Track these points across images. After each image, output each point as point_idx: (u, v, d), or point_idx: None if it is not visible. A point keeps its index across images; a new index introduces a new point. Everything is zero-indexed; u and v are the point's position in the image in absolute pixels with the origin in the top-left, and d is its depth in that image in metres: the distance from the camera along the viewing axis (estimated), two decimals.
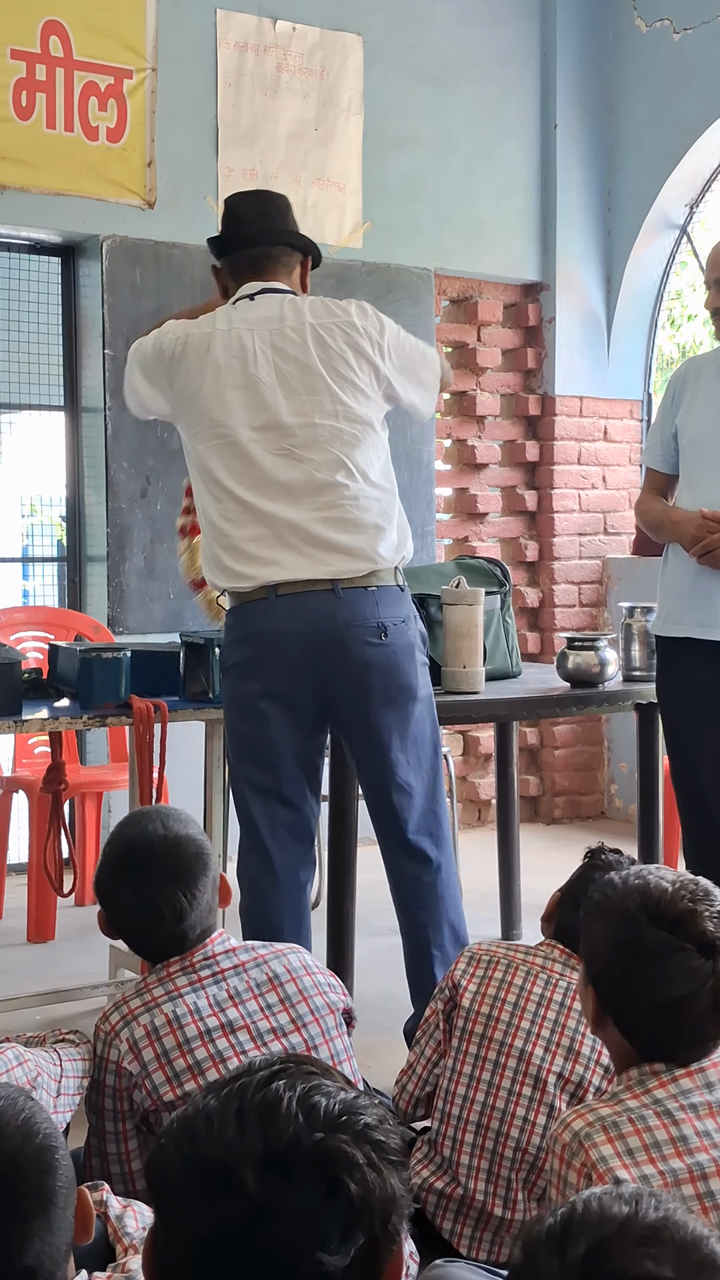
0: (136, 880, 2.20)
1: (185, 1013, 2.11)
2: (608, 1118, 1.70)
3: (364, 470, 3.09)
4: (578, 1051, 2.34)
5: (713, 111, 5.76)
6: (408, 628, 3.12)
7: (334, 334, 3.09)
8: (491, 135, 6.01)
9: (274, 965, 2.20)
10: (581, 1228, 1.04)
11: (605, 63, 6.19)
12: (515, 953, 2.44)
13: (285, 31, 5.45)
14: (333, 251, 5.59)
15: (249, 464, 3.06)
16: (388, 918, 3.38)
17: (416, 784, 3.15)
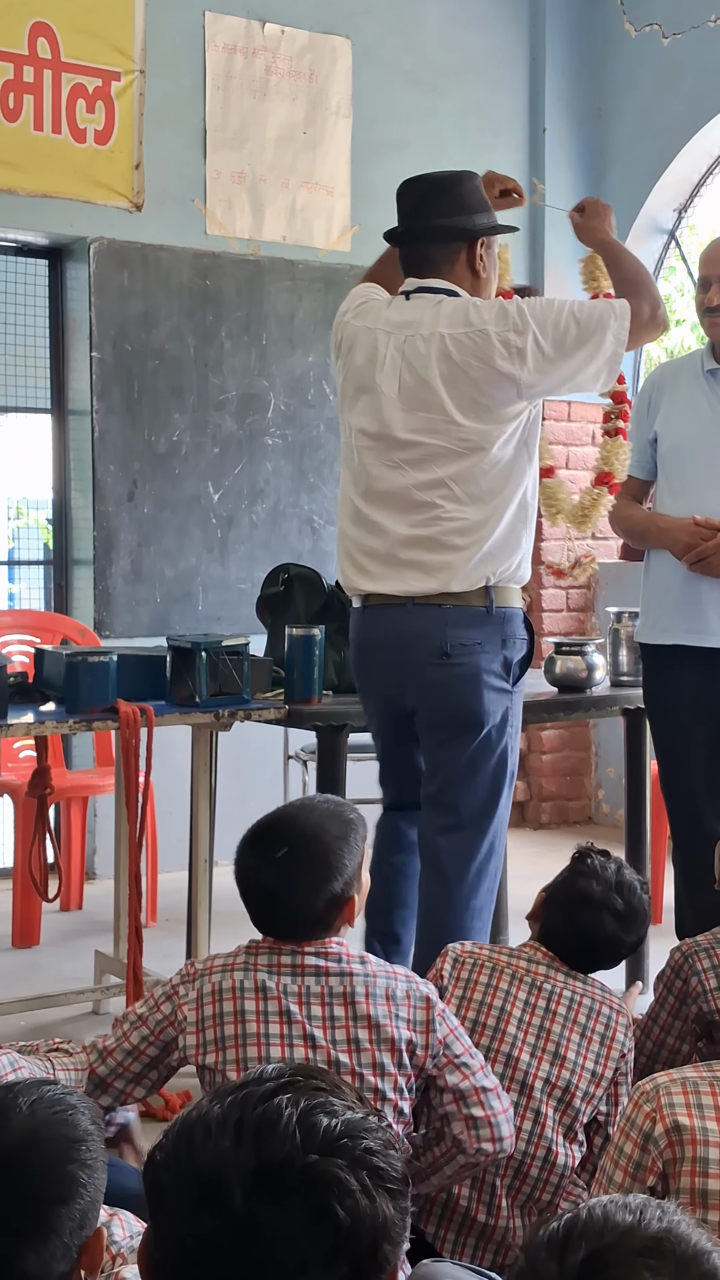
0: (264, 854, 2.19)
1: (252, 987, 2.10)
2: (690, 1078, 1.75)
3: (464, 491, 2.97)
4: (563, 1056, 2.33)
5: (701, 116, 5.76)
6: (481, 651, 2.99)
7: (463, 346, 2.94)
8: (481, 139, 6.00)
9: (359, 984, 2.12)
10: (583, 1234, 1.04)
11: (594, 67, 6.19)
12: (499, 955, 2.43)
13: (274, 34, 5.44)
14: (321, 255, 5.58)
15: (364, 472, 3.08)
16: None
17: (461, 813, 3.04)
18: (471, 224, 3.03)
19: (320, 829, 2.20)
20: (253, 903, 2.21)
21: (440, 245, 3.05)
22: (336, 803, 2.32)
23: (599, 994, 2.41)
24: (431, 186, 3.08)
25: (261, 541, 5.45)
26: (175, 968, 2.44)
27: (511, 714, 3.07)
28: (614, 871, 2.47)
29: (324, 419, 5.58)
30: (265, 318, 5.45)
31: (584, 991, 2.39)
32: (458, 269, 3.05)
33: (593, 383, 3.05)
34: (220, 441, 5.36)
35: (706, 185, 6.08)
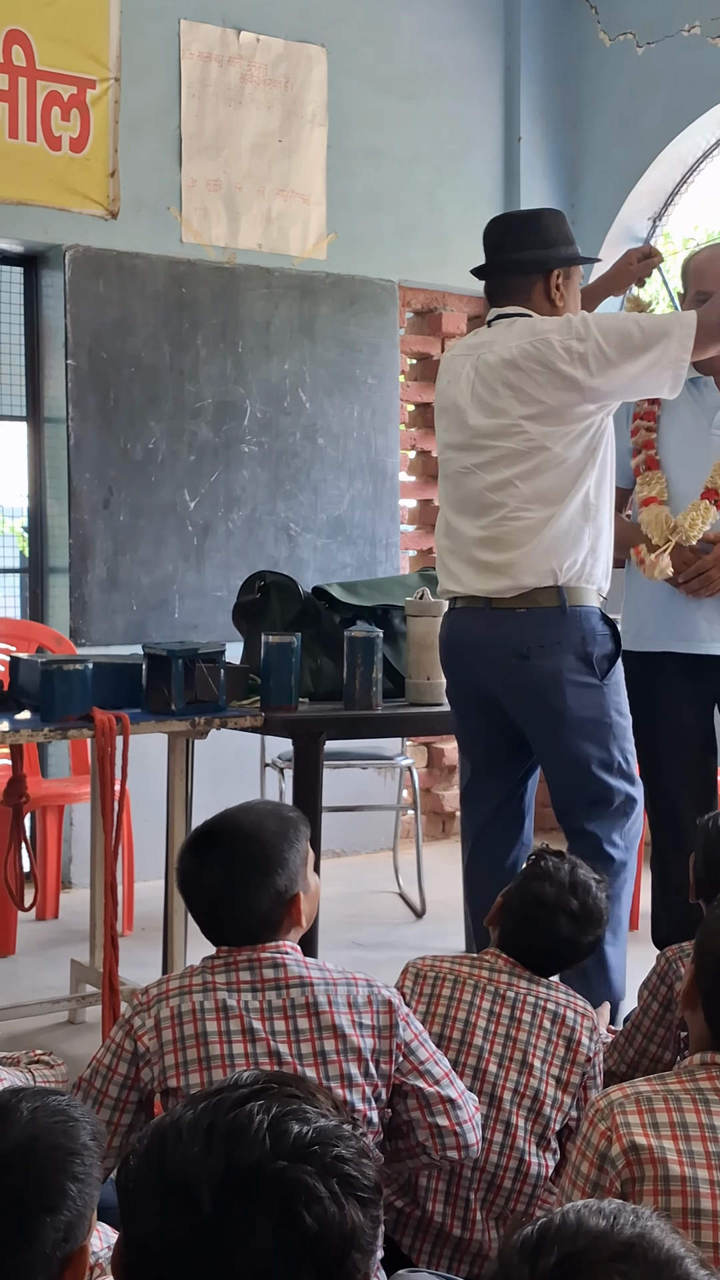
0: (202, 856, 2.19)
1: (213, 1007, 2.06)
2: (644, 1093, 1.73)
3: (529, 490, 3.13)
4: (530, 1064, 2.32)
5: (675, 125, 5.79)
6: (558, 651, 3.14)
7: (528, 353, 3.12)
8: (456, 147, 6.02)
9: (320, 992, 2.10)
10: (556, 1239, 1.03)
11: (569, 76, 6.22)
12: (461, 966, 2.41)
13: (249, 42, 5.45)
14: (296, 263, 5.58)
15: (448, 482, 3.30)
16: (352, 930, 3.36)
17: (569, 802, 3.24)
18: (548, 256, 3.24)
19: (258, 826, 2.19)
20: (198, 908, 2.19)
21: (518, 276, 3.27)
22: (276, 804, 2.33)
23: (563, 998, 2.40)
24: (513, 222, 3.37)
25: (238, 549, 5.44)
26: (152, 976, 2.43)
27: (609, 706, 3.20)
28: (568, 872, 2.46)
29: (300, 426, 5.59)
30: (241, 325, 5.45)
31: (547, 997, 2.38)
32: (535, 298, 3.27)
33: (659, 388, 3.19)
34: (196, 449, 5.36)
35: (681, 194, 6.10)
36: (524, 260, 3.25)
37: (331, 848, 5.51)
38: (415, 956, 2.52)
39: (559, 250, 3.27)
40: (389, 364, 5.81)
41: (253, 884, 2.13)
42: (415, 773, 5.16)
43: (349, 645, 3.58)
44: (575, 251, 3.31)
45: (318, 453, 5.63)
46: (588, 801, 3.22)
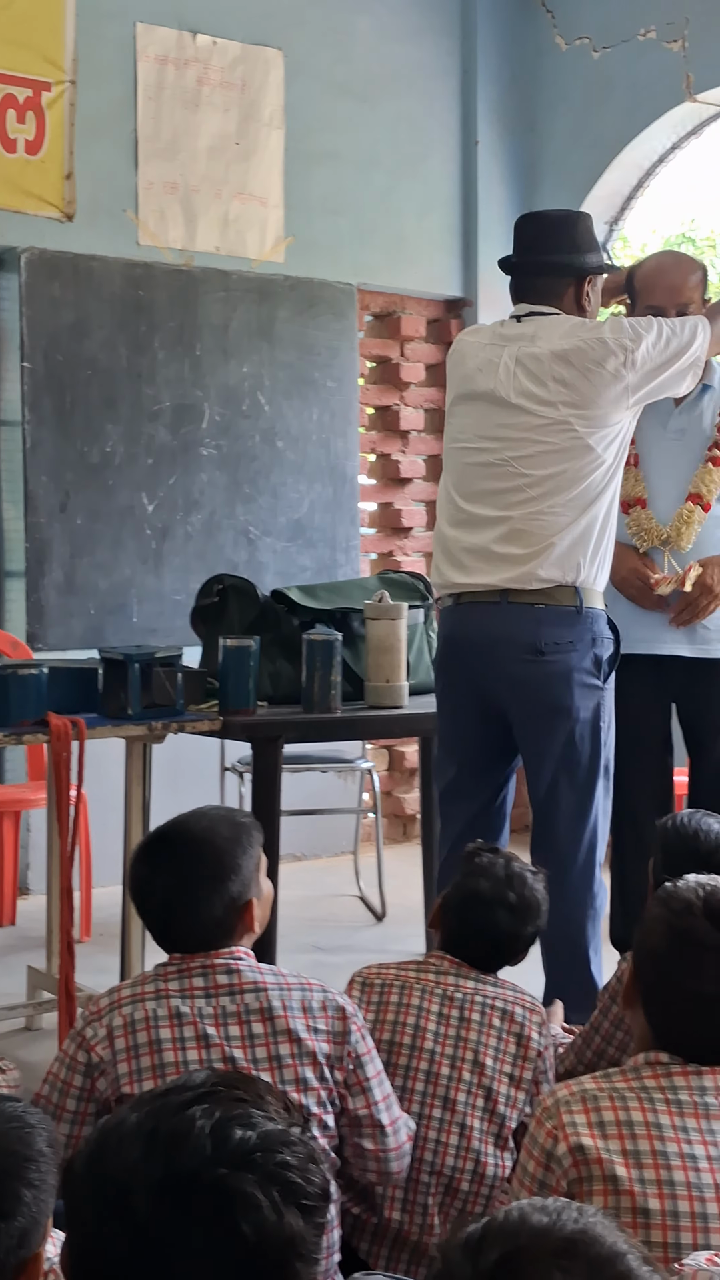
0: (154, 862, 2.18)
1: (166, 1015, 2.05)
2: (590, 1092, 1.73)
3: (569, 487, 3.15)
4: (483, 1064, 2.31)
5: (631, 130, 5.81)
6: (573, 650, 3.16)
7: (581, 352, 3.15)
8: (413, 151, 6.02)
9: (275, 997, 2.09)
10: (498, 1236, 1.03)
11: (526, 80, 6.23)
12: (407, 971, 2.40)
13: (206, 45, 5.44)
14: (254, 266, 5.57)
15: (472, 472, 3.26)
16: (312, 934, 3.34)
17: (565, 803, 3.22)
18: (583, 262, 3.29)
19: (210, 832, 2.17)
20: (150, 915, 2.17)
21: (554, 279, 3.30)
22: (228, 809, 2.32)
23: (510, 995, 2.39)
24: (552, 224, 3.38)
25: (197, 553, 5.42)
26: (109, 982, 2.41)
27: (604, 709, 3.22)
28: (503, 866, 2.46)
29: (259, 430, 5.57)
30: (199, 328, 5.43)
31: (495, 994, 2.38)
32: (565, 301, 3.30)
33: (679, 386, 3.29)
34: (154, 452, 5.34)
35: (637, 198, 6.13)
36: (560, 264, 3.29)
37: (291, 851, 5.50)
38: (375, 960, 2.52)
39: (592, 257, 3.32)
40: (348, 367, 5.80)
41: (206, 890, 2.12)
42: (375, 776, 5.15)
43: (308, 648, 3.57)
44: (604, 259, 3.37)
45: (277, 456, 5.62)
46: (573, 802, 3.22)
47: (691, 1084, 1.74)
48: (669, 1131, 1.69)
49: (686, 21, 5.54)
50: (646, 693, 3.49)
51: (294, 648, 3.68)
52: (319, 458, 5.73)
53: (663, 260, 3.72)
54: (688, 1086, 1.74)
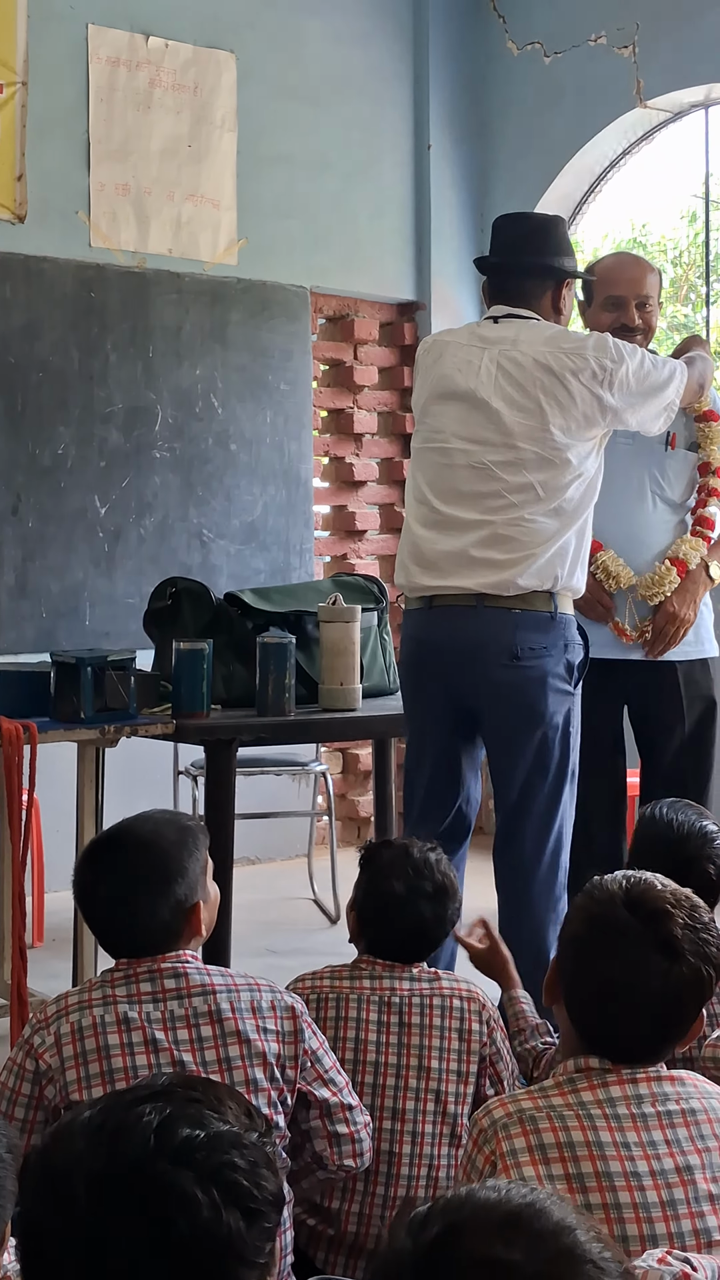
0: (99, 866, 2.16)
1: (114, 1020, 2.03)
2: (528, 1111, 1.69)
3: (548, 497, 3.15)
4: (428, 1067, 2.29)
5: (583, 135, 5.85)
6: (547, 655, 3.16)
7: (562, 362, 3.15)
8: (366, 154, 6.03)
9: (223, 999, 2.07)
10: (443, 1212, 1.01)
11: (478, 84, 6.26)
12: (340, 981, 2.36)
13: (158, 48, 5.42)
14: (207, 268, 5.56)
15: (449, 473, 3.22)
16: (266, 937, 3.34)
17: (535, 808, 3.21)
18: (561, 265, 3.29)
19: (156, 835, 2.16)
20: (96, 919, 2.16)
21: (535, 281, 3.29)
22: (174, 812, 2.32)
23: (448, 987, 2.37)
24: (535, 226, 3.39)
25: (150, 556, 5.41)
26: (62, 988, 2.40)
27: (574, 714, 3.23)
28: (404, 857, 2.42)
29: (212, 432, 5.56)
30: (151, 330, 5.42)
31: (431, 990, 2.35)
32: (544, 304, 3.30)
33: (653, 424, 3.30)
34: (106, 455, 5.32)
35: (589, 203, 6.16)
36: (543, 266, 3.29)
37: (245, 855, 5.49)
38: (328, 963, 2.50)
39: (569, 261, 3.33)
40: (301, 370, 5.80)
41: (152, 893, 2.11)
42: (330, 779, 5.16)
43: (261, 651, 3.57)
44: (577, 265, 3.39)
45: (230, 458, 5.61)
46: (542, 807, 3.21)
47: (628, 1093, 1.71)
48: (610, 1150, 1.66)
49: (636, 27, 5.57)
50: (598, 695, 3.50)
51: (248, 651, 3.67)
52: (272, 460, 5.73)
53: (623, 256, 3.77)
54: (624, 1097, 1.70)
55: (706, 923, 1.79)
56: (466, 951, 2.70)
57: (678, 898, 1.81)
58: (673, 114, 5.77)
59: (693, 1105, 1.72)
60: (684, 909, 1.79)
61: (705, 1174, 1.68)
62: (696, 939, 1.76)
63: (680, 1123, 1.70)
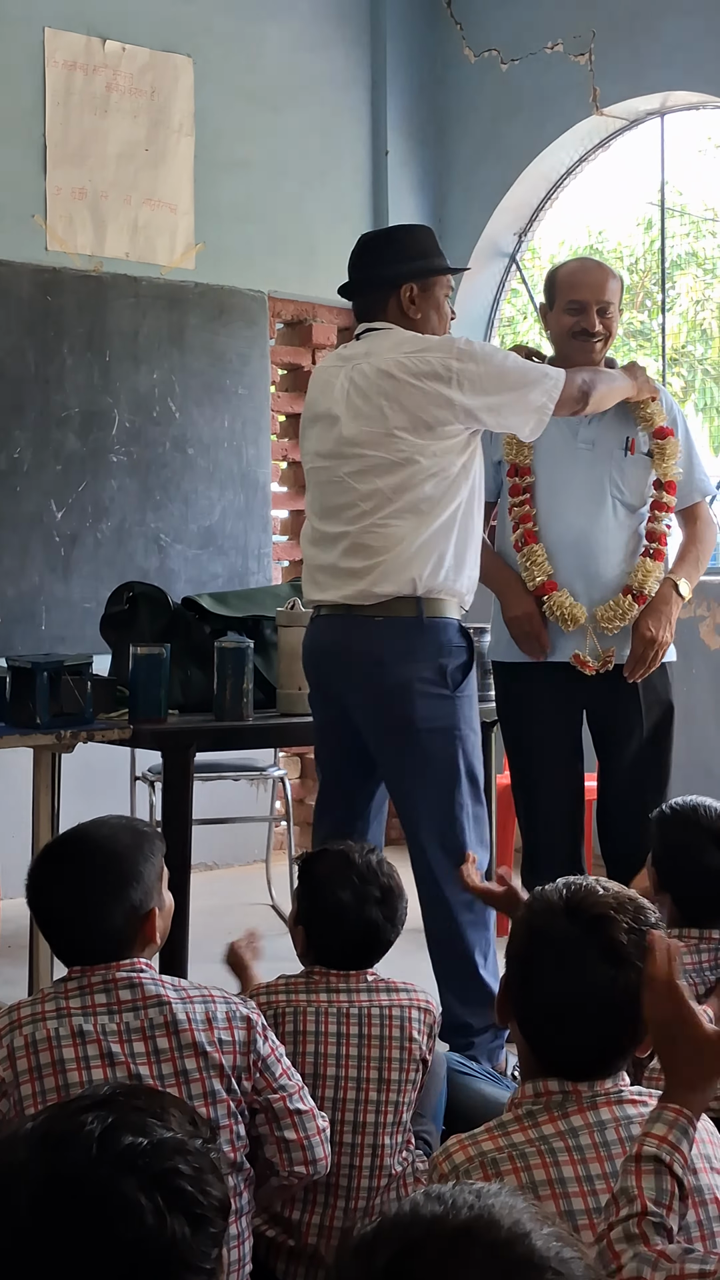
0: (53, 871, 2.14)
1: (69, 1034, 2.00)
2: (489, 1154, 1.64)
3: (402, 502, 3.15)
4: (388, 1079, 2.27)
5: (540, 142, 5.87)
6: (413, 660, 3.14)
7: (405, 366, 3.14)
8: (324, 160, 6.04)
9: (179, 1010, 2.04)
10: (390, 1234, 0.97)
11: (435, 91, 6.27)
12: (297, 994, 2.34)
13: (115, 52, 5.41)
14: (164, 272, 5.55)
15: (318, 491, 3.31)
16: (223, 944, 3.33)
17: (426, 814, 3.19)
18: (396, 271, 3.27)
19: (111, 839, 2.14)
20: (49, 925, 2.13)
21: (374, 292, 3.31)
22: (129, 818, 2.29)
23: (404, 997, 2.35)
24: (370, 241, 3.41)
25: (107, 560, 5.38)
26: (17, 995, 2.38)
27: (459, 718, 3.20)
28: (347, 864, 2.40)
29: (169, 436, 5.55)
30: (108, 334, 5.40)
31: (389, 1001, 2.34)
32: (391, 312, 3.29)
33: (520, 427, 3.27)
34: (63, 459, 5.29)
35: (546, 210, 6.19)
36: (376, 276, 3.29)
37: (203, 860, 5.47)
38: (287, 969, 2.48)
39: (409, 264, 3.29)
40: (259, 374, 5.80)
41: (107, 898, 2.08)
42: (288, 783, 5.15)
43: (219, 656, 3.56)
44: (428, 264, 3.30)
45: (188, 463, 5.60)
46: (435, 812, 3.19)
47: (590, 1120, 1.67)
48: (574, 1186, 1.62)
49: (593, 35, 5.61)
50: (557, 700, 3.52)
51: (205, 655, 3.66)
52: (230, 465, 5.72)
53: (586, 261, 3.77)
54: (586, 1126, 1.66)
55: (654, 923, 1.76)
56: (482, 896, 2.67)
57: (620, 901, 1.76)
58: (629, 121, 5.81)
59: None
60: (628, 913, 1.74)
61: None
62: (642, 943, 1.71)
63: None
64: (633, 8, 5.47)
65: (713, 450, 13.09)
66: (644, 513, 3.56)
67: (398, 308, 3.27)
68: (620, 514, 3.53)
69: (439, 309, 3.32)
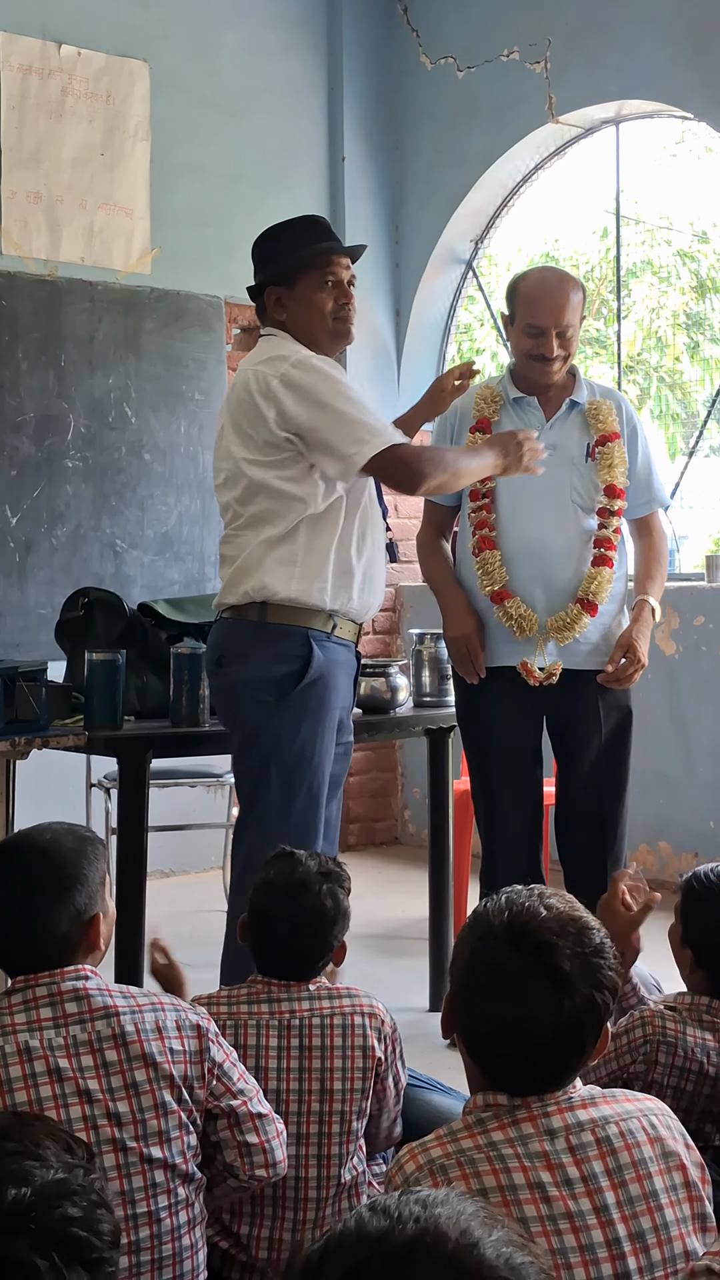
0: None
1: (14, 1051, 1.96)
2: (438, 1160, 1.62)
3: (241, 512, 3.16)
4: (330, 1089, 2.25)
5: (496, 149, 5.89)
6: (246, 664, 3.12)
7: (244, 381, 3.15)
8: (281, 165, 6.03)
9: (127, 1021, 2.01)
10: (335, 1255, 0.95)
11: (392, 97, 6.28)
12: (238, 1007, 2.31)
13: (70, 56, 5.39)
14: (120, 277, 5.53)
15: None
16: (180, 951, 3.31)
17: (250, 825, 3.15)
18: (261, 279, 3.29)
19: (55, 843, 2.12)
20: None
21: (257, 301, 3.32)
22: (73, 825, 2.25)
23: (347, 1004, 2.33)
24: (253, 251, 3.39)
25: (62, 566, 5.35)
26: None
27: (285, 728, 3.11)
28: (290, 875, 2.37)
29: (125, 441, 5.53)
30: (64, 339, 5.37)
31: (331, 1008, 2.31)
32: (269, 320, 3.29)
33: (326, 467, 3.10)
34: (18, 464, 5.26)
35: (502, 217, 6.21)
36: (253, 287, 3.33)
37: (159, 867, 5.45)
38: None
39: (268, 269, 3.28)
40: (216, 380, 5.79)
41: (50, 902, 2.05)
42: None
43: (175, 662, 3.55)
44: (288, 260, 3.22)
45: (144, 468, 5.58)
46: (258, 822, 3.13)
47: (540, 1128, 1.65)
48: (525, 1193, 1.59)
49: (548, 43, 5.63)
50: (516, 705, 3.52)
51: (161, 661, 3.65)
52: (187, 470, 5.70)
53: (547, 276, 3.65)
54: (537, 1134, 1.64)
55: (598, 944, 1.71)
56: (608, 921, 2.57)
57: (563, 924, 1.72)
58: (584, 130, 5.84)
59: (609, 1132, 1.66)
60: (570, 936, 1.70)
61: (623, 1211, 1.62)
62: (587, 965, 1.68)
63: (595, 1155, 1.64)
64: (588, 16, 5.50)
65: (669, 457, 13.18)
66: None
67: (270, 314, 3.27)
68: (579, 520, 3.54)
69: (311, 303, 3.22)
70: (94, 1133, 1.94)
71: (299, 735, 3.13)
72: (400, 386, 6.36)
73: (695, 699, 5.28)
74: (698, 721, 5.27)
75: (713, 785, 5.22)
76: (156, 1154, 1.96)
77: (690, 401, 13.83)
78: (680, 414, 13.86)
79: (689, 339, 13.66)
